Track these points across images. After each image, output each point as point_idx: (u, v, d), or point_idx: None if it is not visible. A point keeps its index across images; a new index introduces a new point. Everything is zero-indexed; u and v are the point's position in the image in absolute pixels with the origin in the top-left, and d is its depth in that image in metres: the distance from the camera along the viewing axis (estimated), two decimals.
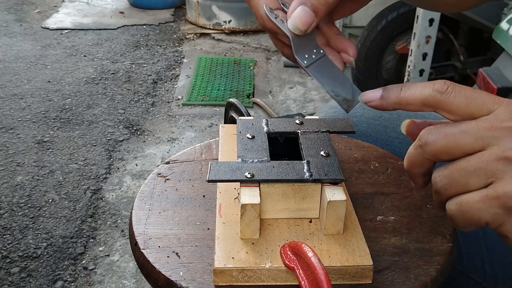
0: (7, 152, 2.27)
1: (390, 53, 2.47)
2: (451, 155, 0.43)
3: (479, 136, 0.42)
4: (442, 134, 0.43)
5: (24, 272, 1.66)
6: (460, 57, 2.27)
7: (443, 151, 0.44)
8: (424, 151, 0.45)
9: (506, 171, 0.41)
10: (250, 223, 0.51)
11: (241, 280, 0.49)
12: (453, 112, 0.44)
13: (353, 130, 0.62)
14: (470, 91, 0.44)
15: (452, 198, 0.44)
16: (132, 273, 1.69)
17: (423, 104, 0.45)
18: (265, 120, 0.63)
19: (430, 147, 0.44)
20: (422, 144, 0.45)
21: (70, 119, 2.55)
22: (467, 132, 0.43)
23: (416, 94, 0.45)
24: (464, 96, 0.44)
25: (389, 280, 0.50)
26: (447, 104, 0.44)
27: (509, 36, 1.70)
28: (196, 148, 0.71)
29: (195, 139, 2.45)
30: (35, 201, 1.97)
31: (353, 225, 0.54)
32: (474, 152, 0.43)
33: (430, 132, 0.44)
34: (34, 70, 3.07)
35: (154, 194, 0.61)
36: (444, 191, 0.44)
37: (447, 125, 0.44)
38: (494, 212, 0.42)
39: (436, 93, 0.44)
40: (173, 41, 3.58)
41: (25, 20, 3.91)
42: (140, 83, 2.96)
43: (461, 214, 0.44)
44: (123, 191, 2.08)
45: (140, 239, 0.54)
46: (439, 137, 0.44)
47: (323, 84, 0.53)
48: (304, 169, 0.53)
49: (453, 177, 0.43)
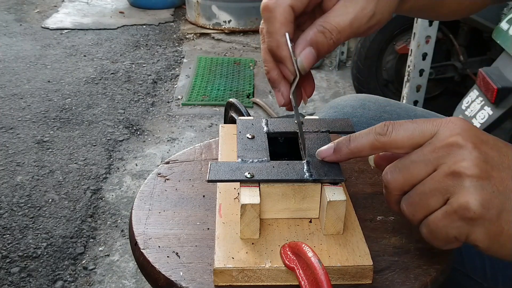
0: (7, 152, 2.27)
1: (390, 53, 2.47)
2: (412, 185, 0.46)
3: (427, 160, 0.45)
4: (397, 170, 0.47)
5: (24, 272, 1.66)
6: (460, 57, 2.27)
7: (403, 184, 0.47)
8: (390, 190, 0.48)
9: (456, 185, 0.44)
10: (250, 223, 0.51)
11: (241, 280, 0.49)
12: (400, 148, 0.48)
13: (353, 130, 0.62)
14: (409, 123, 0.47)
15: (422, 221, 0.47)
16: (132, 273, 1.69)
17: (372, 149, 0.49)
18: (265, 120, 0.63)
19: (392, 185, 0.48)
20: (386, 185, 0.48)
21: (70, 119, 2.55)
22: (416, 161, 0.46)
23: (363, 142, 0.49)
24: (404, 130, 0.47)
25: (389, 280, 0.50)
26: (392, 143, 0.48)
27: (509, 36, 1.70)
28: (196, 148, 0.71)
29: (195, 139, 2.45)
30: (35, 201, 1.97)
31: (353, 225, 0.54)
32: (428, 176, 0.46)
33: (387, 172, 0.48)
34: (34, 70, 3.07)
35: (154, 194, 0.61)
36: (412, 216, 0.47)
37: (401, 160, 0.47)
38: (457, 226, 0.44)
39: (378, 136, 0.48)
40: (173, 41, 3.58)
41: (25, 20, 3.91)
42: (140, 83, 2.96)
43: (431, 234, 0.46)
44: (123, 191, 2.07)
45: (140, 239, 0.54)
46: (396, 174, 0.47)
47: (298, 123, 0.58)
48: (304, 169, 0.53)
49: (415, 202, 0.46)
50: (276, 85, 0.54)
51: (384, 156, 0.52)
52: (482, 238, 0.44)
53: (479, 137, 0.45)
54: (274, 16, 0.50)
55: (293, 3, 0.50)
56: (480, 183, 0.43)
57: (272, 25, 0.51)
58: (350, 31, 0.51)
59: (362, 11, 0.51)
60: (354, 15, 0.50)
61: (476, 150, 0.44)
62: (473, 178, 0.43)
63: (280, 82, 0.54)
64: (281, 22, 0.50)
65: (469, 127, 0.46)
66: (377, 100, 0.88)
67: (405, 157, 0.47)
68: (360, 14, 0.51)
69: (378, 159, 0.53)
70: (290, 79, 0.53)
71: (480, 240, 0.45)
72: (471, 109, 1.77)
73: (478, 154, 0.44)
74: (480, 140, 0.45)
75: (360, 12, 0.50)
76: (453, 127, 0.45)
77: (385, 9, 0.52)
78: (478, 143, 0.44)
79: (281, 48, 0.51)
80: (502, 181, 0.44)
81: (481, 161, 0.44)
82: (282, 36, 0.51)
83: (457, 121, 0.46)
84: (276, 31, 0.51)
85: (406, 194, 0.47)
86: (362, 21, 0.51)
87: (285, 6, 0.50)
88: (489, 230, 0.44)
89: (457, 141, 0.44)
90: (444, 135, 0.45)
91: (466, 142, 0.44)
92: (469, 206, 0.43)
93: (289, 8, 0.50)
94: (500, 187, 0.44)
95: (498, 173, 0.44)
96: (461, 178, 0.43)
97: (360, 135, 0.50)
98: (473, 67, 2.21)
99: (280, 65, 0.53)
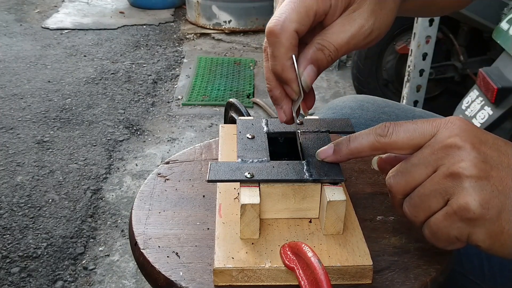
0: (7, 152, 2.27)
1: (390, 53, 2.47)
2: (413, 187, 0.47)
3: (427, 162, 0.46)
4: (399, 174, 0.48)
5: (24, 272, 1.66)
6: (460, 57, 2.27)
7: (406, 187, 0.47)
8: (394, 193, 0.49)
9: (455, 185, 0.44)
10: (250, 223, 0.51)
11: (241, 280, 0.49)
12: (401, 149, 0.48)
13: (352, 130, 0.62)
14: (409, 124, 0.48)
15: (424, 223, 0.47)
16: (132, 273, 1.69)
17: (372, 150, 0.50)
18: (265, 120, 0.63)
19: (395, 189, 0.48)
20: (389, 189, 0.49)
21: (70, 119, 2.55)
22: (416, 163, 0.46)
23: (363, 143, 0.50)
24: (404, 132, 0.47)
25: (389, 280, 0.50)
26: (392, 144, 0.48)
27: (509, 36, 1.70)
28: (196, 148, 0.71)
29: (195, 139, 2.45)
30: (35, 201, 1.97)
31: (353, 225, 0.54)
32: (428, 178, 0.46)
33: (390, 176, 0.49)
34: (34, 70, 3.07)
35: (154, 194, 0.61)
36: (414, 218, 0.48)
37: (402, 163, 0.48)
38: (457, 227, 0.45)
39: (379, 137, 0.49)
40: (173, 41, 3.58)
41: (25, 20, 3.91)
42: (140, 83, 2.96)
43: (433, 235, 0.47)
44: (123, 191, 2.08)
45: (140, 239, 0.54)
46: (398, 178, 0.48)
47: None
48: (304, 169, 0.53)
49: (417, 204, 0.47)
50: (278, 102, 0.55)
51: (387, 159, 0.52)
52: (483, 238, 0.44)
53: (478, 137, 0.45)
54: (280, 41, 0.50)
55: (298, 28, 0.50)
56: (479, 183, 0.43)
57: (277, 50, 0.51)
58: (348, 47, 0.52)
59: (360, 29, 0.51)
60: (351, 33, 0.51)
61: (475, 151, 0.44)
62: (472, 179, 0.43)
63: (282, 100, 0.54)
64: (286, 47, 0.50)
65: (468, 127, 0.46)
66: (375, 101, 0.88)
67: (406, 161, 0.48)
68: (358, 32, 0.51)
69: (382, 162, 0.53)
70: (294, 98, 0.54)
71: (481, 240, 0.45)
72: (471, 109, 1.77)
73: (477, 154, 0.44)
74: (479, 140, 0.45)
75: (358, 30, 0.51)
76: (452, 127, 0.46)
77: (383, 24, 0.53)
78: (477, 143, 0.45)
79: (286, 72, 0.51)
80: (502, 180, 0.44)
81: (479, 161, 0.44)
82: (288, 60, 0.51)
83: (456, 121, 0.46)
84: (282, 56, 0.51)
85: (408, 196, 0.48)
86: (360, 38, 0.51)
87: (291, 32, 0.50)
88: (490, 230, 0.44)
89: (456, 142, 0.44)
90: (443, 136, 0.45)
91: (465, 142, 0.44)
92: (469, 207, 0.43)
93: (294, 33, 0.50)
94: (499, 186, 0.44)
95: (497, 172, 0.44)
96: (460, 179, 0.44)
97: (360, 135, 0.50)
98: (473, 67, 2.21)
99: (284, 86, 0.53)
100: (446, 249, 0.48)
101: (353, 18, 0.51)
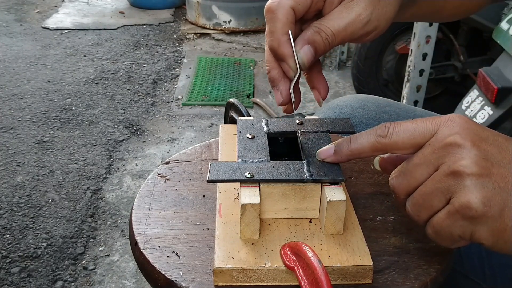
0: (7, 152, 2.27)
1: (390, 53, 2.47)
2: (416, 187, 0.47)
3: (428, 162, 0.46)
4: (401, 175, 0.48)
5: (24, 272, 1.66)
6: (460, 57, 2.27)
7: (408, 187, 0.48)
8: (397, 194, 0.49)
9: (457, 184, 0.44)
10: (250, 223, 0.51)
11: (241, 280, 0.49)
12: (402, 149, 0.48)
13: (353, 130, 0.62)
14: (409, 124, 0.48)
15: (427, 222, 0.47)
16: (132, 273, 1.69)
17: (372, 150, 0.50)
18: (265, 120, 0.63)
19: (398, 190, 0.49)
20: (392, 189, 0.49)
21: (70, 119, 2.55)
22: (418, 163, 0.47)
23: (364, 143, 0.50)
24: (404, 132, 0.48)
25: (389, 280, 0.50)
26: (393, 144, 0.48)
27: (509, 36, 1.70)
28: (196, 148, 0.71)
29: (195, 139, 2.45)
30: (35, 201, 1.97)
31: (353, 225, 0.54)
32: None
33: (393, 177, 0.49)
34: (34, 70, 3.07)
35: (154, 194, 0.61)
36: (417, 217, 0.48)
37: (404, 164, 0.48)
38: (460, 225, 0.45)
39: (379, 138, 0.49)
40: (173, 41, 3.58)
41: (25, 20, 3.91)
42: (140, 83, 2.96)
43: (436, 234, 0.47)
44: (123, 191, 2.08)
45: (140, 239, 0.54)
46: (400, 178, 0.48)
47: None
48: (304, 169, 0.53)
49: (419, 203, 0.47)
50: (276, 83, 0.56)
51: (389, 159, 0.53)
52: (486, 236, 0.44)
53: (478, 134, 0.45)
54: (276, 17, 0.53)
55: (294, 5, 0.53)
56: (480, 181, 0.43)
57: (273, 25, 0.53)
58: (345, 34, 0.53)
59: (357, 17, 0.53)
60: (348, 20, 0.53)
61: (475, 148, 0.44)
62: (473, 177, 0.43)
63: (280, 81, 0.56)
64: (282, 22, 0.53)
65: (468, 124, 0.46)
66: (376, 101, 0.88)
67: (408, 161, 0.48)
68: (355, 20, 0.53)
69: (383, 162, 0.53)
70: (291, 75, 0.55)
71: (484, 238, 0.45)
72: (471, 109, 1.77)
73: (477, 151, 0.44)
74: (479, 137, 0.45)
75: (355, 18, 0.53)
76: (452, 125, 0.46)
77: (382, 16, 0.54)
78: (477, 141, 0.44)
79: (282, 46, 0.53)
80: (503, 177, 0.44)
81: (480, 158, 0.44)
82: (283, 35, 0.53)
83: (456, 118, 0.46)
84: (278, 30, 0.53)
85: (410, 196, 0.48)
86: (357, 26, 0.53)
87: (287, 8, 0.53)
88: (492, 227, 0.44)
89: (456, 140, 0.44)
90: (443, 135, 0.45)
91: (465, 140, 0.44)
92: (471, 205, 0.43)
93: (290, 9, 0.53)
94: (501, 183, 0.44)
95: (498, 169, 0.44)
96: (461, 177, 0.44)
97: (360, 136, 0.50)
98: (473, 67, 2.21)
99: (281, 63, 0.55)
100: (450, 247, 0.48)
101: (351, 7, 0.53)
